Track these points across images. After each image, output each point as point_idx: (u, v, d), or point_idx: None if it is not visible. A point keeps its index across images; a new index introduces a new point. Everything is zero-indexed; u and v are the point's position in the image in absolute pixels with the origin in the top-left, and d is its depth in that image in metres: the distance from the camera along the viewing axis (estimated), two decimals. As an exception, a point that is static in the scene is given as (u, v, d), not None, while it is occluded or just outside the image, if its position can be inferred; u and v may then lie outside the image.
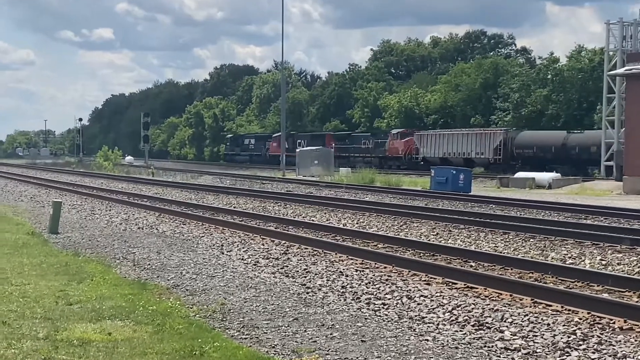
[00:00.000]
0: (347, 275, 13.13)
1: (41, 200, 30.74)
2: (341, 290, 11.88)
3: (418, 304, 10.89)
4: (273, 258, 15.21)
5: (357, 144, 74.58)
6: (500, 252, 16.11)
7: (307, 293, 11.69)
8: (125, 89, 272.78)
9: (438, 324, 9.73)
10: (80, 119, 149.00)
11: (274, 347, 8.63)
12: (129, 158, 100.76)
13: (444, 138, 64.89)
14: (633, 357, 8.26)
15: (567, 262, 14.95)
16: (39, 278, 12.49)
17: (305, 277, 13.12)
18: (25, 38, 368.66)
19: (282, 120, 67.48)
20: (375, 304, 10.95)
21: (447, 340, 8.92)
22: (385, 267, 14.00)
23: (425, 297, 11.29)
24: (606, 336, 9.07)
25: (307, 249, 16.49)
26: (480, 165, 59.32)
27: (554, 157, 55.21)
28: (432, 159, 63.20)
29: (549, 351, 8.49)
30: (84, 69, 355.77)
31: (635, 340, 8.89)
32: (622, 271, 13.93)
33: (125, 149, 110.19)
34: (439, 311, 10.41)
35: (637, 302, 11.04)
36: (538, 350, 8.50)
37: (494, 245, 17.50)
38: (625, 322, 9.63)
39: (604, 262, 14.93)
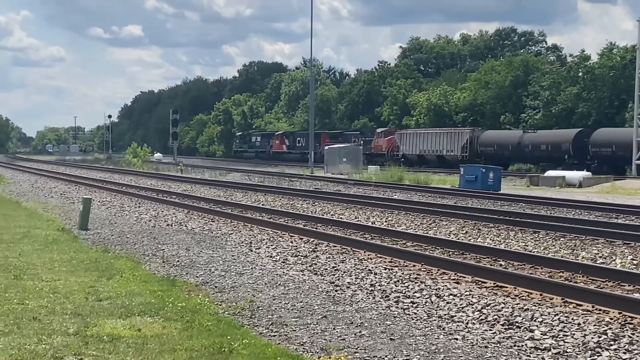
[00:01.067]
0: (375, 274, 13.10)
1: (71, 197, 30.95)
2: (370, 289, 11.86)
3: (447, 302, 10.84)
4: (302, 256, 15.21)
5: (348, 141, 77.02)
6: (530, 251, 16.00)
7: (336, 291, 11.67)
8: (155, 85, 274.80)
9: (467, 323, 9.68)
10: (110, 116, 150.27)
11: (302, 344, 8.62)
12: (157, 155, 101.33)
13: (420, 137, 70.22)
14: (665, 358, 8.17)
15: (598, 262, 14.82)
16: (69, 274, 12.57)
17: (334, 274, 13.11)
18: (56, 35, 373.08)
19: (310, 117, 67.49)
20: (404, 302, 10.92)
21: (477, 340, 8.87)
22: (414, 266, 13.96)
23: (455, 295, 11.24)
24: (637, 336, 8.98)
25: (335, 246, 16.47)
26: (451, 162, 62.87)
27: (511, 154, 62.01)
28: (410, 156, 69.77)
29: (579, 351, 8.42)
30: (113, 65, 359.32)
31: (668, 341, 8.79)
32: (654, 271, 13.79)
33: (154, 145, 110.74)
34: (468, 310, 10.36)
35: (669, 302, 10.92)
36: (568, 350, 8.43)
37: (523, 244, 17.39)
38: (657, 322, 9.53)
39: (635, 262, 14.79)
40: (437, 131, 70.06)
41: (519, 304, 10.69)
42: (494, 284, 12.10)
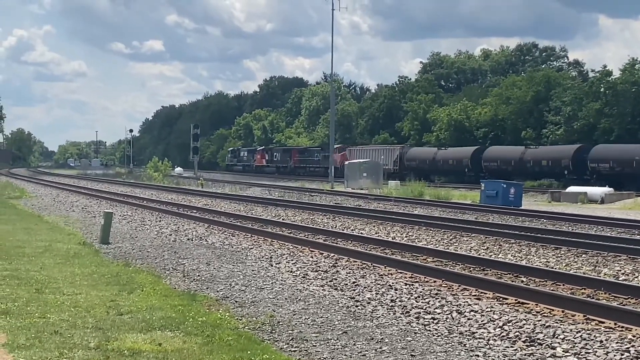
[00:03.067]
0: (396, 289, 13.06)
1: (92, 211, 31.08)
2: (390, 304, 11.82)
3: (468, 319, 10.79)
4: (322, 271, 15.19)
5: (312, 156, 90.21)
6: (552, 268, 15.92)
7: (356, 306, 11.64)
8: (175, 100, 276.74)
9: (489, 340, 9.63)
10: (131, 130, 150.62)
11: (323, 360, 8.61)
12: (178, 169, 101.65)
13: (364, 152, 79.98)
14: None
15: (620, 279, 14.72)
16: (90, 288, 12.60)
17: (354, 290, 13.08)
18: (78, 49, 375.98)
19: (330, 132, 67.58)
20: (424, 318, 10.87)
21: (498, 356, 8.82)
22: (435, 281, 13.91)
23: (476, 312, 11.19)
24: (661, 354, 8.90)
25: (356, 262, 16.44)
26: (387, 174, 68.63)
27: (429, 167, 71.22)
28: None
29: (602, 369, 8.35)
30: (134, 80, 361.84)
31: (692, 359, 8.71)
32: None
33: (174, 160, 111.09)
34: (489, 326, 10.31)
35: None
36: (591, 368, 8.37)
37: (545, 260, 17.30)
38: (680, 340, 9.44)
39: (658, 279, 14.68)
40: (376, 147, 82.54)
41: (540, 320, 10.63)
42: (516, 300, 12.04)
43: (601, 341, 9.46)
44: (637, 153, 51.52)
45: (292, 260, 16.73)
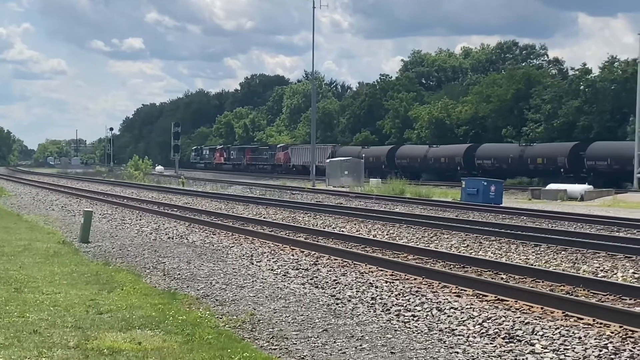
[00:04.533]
0: (377, 287, 13.08)
1: (72, 210, 30.96)
2: (371, 302, 11.84)
3: (448, 316, 10.83)
4: (303, 269, 15.20)
5: (261, 154, 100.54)
6: (532, 265, 16.00)
7: (337, 304, 11.66)
8: (156, 98, 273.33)
9: (468, 337, 9.66)
10: (111, 129, 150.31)
11: (303, 358, 8.62)
12: (159, 168, 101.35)
13: (303, 150, 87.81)
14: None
15: (599, 275, 14.81)
16: (70, 287, 12.56)
17: (334, 288, 13.09)
18: (57, 48, 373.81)
19: (312, 130, 67.62)
20: (405, 315, 10.90)
21: (478, 353, 8.86)
22: (415, 279, 13.95)
23: (456, 309, 11.23)
24: (638, 350, 8.96)
25: (337, 260, 16.46)
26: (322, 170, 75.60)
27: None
28: (298, 166, 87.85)
29: (580, 365, 8.40)
30: (114, 78, 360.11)
31: (669, 355, 8.77)
32: (655, 285, 13.76)
33: (155, 158, 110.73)
34: (469, 323, 10.35)
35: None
36: (570, 364, 8.42)
37: (525, 257, 17.38)
38: (658, 336, 9.51)
39: (636, 276, 14.78)
40: (318, 146, 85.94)
41: (520, 317, 10.68)
42: (495, 297, 12.09)
43: (579, 337, 9.51)
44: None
45: (273, 258, 16.72)
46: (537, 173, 59.97)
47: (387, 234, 22.18)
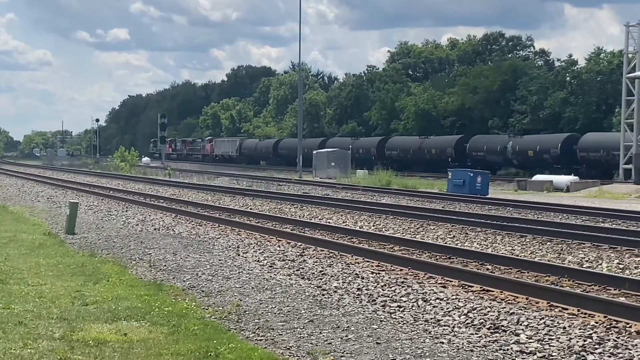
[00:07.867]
0: (363, 278, 13.12)
1: (58, 201, 30.87)
2: (357, 293, 11.87)
3: (434, 306, 10.87)
4: (289, 260, 15.21)
5: (197, 146, 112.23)
6: (517, 255, 16.06)
7: (323, 295, 11.68)
8: (142, 89, 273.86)
9: (453, 327, 9.71)
10: (97, 120, 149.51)
11: (289, 348, 8.64)
12: (145, 159, 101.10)
13: (225, 143, 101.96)
14: (650, 362, 8.21)
15: (584, 266, 14.88)
16: (56, 278, 12.54)
17: (321, 279, 13.12)
18: (42, 38, 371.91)
19: (299, 122, 67.59)
20: (390, 306, 10.94)
21: (463, 343, 8.90)
22: (401, 270, 13.98)
23: (441, 299, 11.27)
24: (622, 340, 9.03)
25: (323, 251, 16.48)
26: (236, 160, 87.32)
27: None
28: (220, 156, 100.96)
29: (564, 355, 8.46)
30: (100, 69, 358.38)
31: (652, 345, 8.83)
32: (640, 275, 13.85)
33: (142, 150, 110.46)
34: (454, 314, 10.39)
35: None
36: (554, 354, 8.47)
37: (510, 248, 17.44)
38: (642, 326, 9.56)
39: (621, 266, 14.86)
40: (230, 139, 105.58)
41: (505, 307, 10.73)
42: (481, 287, 12.14)
43: (564, 327, 9.57)
44: None
45: (259, 249, 16.73)
46: (528, 164, 59.85)
47: (373, 225, 22.21)
